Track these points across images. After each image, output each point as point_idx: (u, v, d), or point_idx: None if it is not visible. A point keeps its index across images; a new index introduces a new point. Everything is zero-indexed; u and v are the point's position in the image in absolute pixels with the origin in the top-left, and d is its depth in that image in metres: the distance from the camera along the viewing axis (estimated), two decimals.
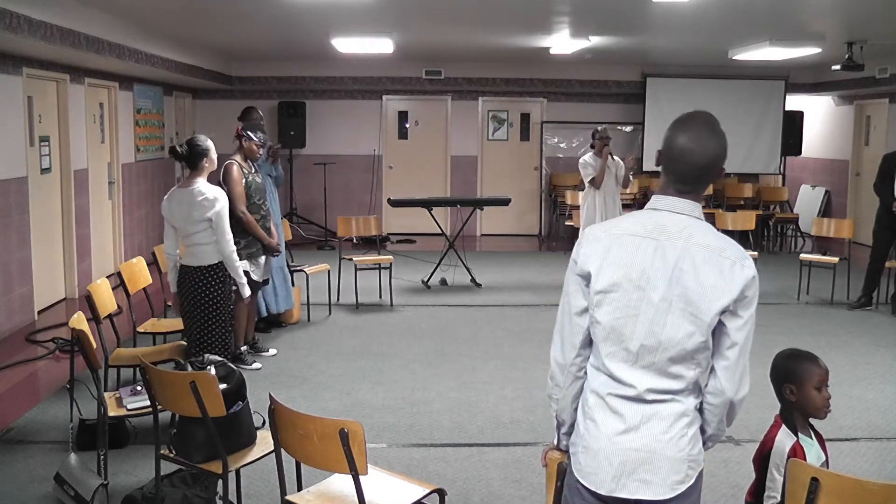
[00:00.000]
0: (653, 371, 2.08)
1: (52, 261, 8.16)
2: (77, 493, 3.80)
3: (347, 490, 2.91)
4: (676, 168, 2.14)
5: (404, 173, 13.20)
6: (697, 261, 2.06)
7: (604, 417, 2.12)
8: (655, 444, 2.07)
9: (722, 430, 2.19)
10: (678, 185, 2.15)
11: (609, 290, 2.10)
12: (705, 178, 2.15)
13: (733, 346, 2.09)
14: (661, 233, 2.10)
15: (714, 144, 2.13)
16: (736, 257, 2.09)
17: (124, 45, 7.85)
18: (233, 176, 5.85)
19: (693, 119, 2.16)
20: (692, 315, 2.05)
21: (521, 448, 4.67)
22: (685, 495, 2.08)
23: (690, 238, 2.09)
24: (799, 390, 2.73)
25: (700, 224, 2.13)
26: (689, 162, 2.12)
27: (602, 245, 2.14)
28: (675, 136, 2.15)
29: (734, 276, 2.06)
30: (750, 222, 9.46)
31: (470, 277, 9.15)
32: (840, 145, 13.11)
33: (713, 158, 2.13)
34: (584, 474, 2.14)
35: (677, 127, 2.16)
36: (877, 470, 4.43)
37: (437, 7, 7.47)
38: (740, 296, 2.06)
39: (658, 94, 12.44)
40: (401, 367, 6.20)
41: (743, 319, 2.08)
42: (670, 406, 2.08)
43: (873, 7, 7.16)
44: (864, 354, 6.59)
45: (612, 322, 2.10)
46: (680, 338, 2.05)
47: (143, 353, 4.78)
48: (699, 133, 2.13)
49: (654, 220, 2.14)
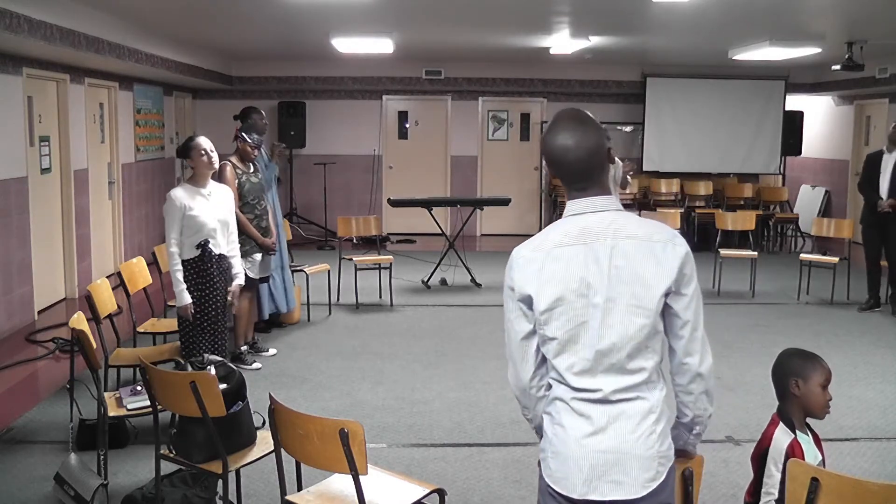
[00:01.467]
0: (614, 372, 2.08)
1: (52, 261, 8.16)
2: (77, 493, 3.80)
3: (347, 490, 2.91)
4: (563, 170, 2.15)
5: (404, 173, 13.20)
6: (630, 253, 2.07)
7: (571, 421, 2.12)
8: (624, 445, 2.07)
9: (703, 410, 2.19)
10: (577, 185, 2.16)
11: (554, 306, 2.10)
12: (594, 168, 2.14)
13: (685, 325, 2.11)
14: (587, 236, 2.10)
15: (585, 135, 2.12)
16: (665, 238, 2.10)
17: (124, 45, 7.85)
18: (226, 176, 5.90)
19: (559, 119, 2.17)
20: (638, 307, 2.06)
21: (521, 448, 4.67)
22: (657, 492, 2.08)
23: (617, 232, 2.09)
24: (805, 384, 2.75)
25: (623, 215, 2.14)
26: (571, 159, 2.12)
27: (535, 265, 2.13)
28: (549, 141, 2.15)
29: (667, 257, 2.07)
30: (750, 222, 9.46)
31: (470, 277, 9.16)
32: (840, 145, 13.11)
33: (590, 148, 2.12)
34: (555, 479, 2.14)
35: (548, 133, 2.17)
36: (877, 470, 4.42)
37: (437, 7, 7.47)
38: (679, 275, 2.08)
39: (658, 94, 12.44)
40: (401, 367, 6.20)
41: (688, 296, 2.10)
42: (636, 404, 2.09)
43: (873, 7, 7.16)
44: (864, 354, 6.59)
45: (564, 335, 2.10)
46: (632, 333, 2.07)
47: (143, 353, 4.78)
48: (568, 130, 2.13)
49: (577, 225, 2.14)
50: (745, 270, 9.17)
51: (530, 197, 13.36)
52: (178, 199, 4.91)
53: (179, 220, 4.91)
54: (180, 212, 4.90)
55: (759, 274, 9.20)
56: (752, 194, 12.63)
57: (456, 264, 9.21)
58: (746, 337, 7.03)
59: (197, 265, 4.99)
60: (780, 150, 12.60)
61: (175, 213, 4.91)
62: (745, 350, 6.57)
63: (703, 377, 2.15)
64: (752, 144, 12.50)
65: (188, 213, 4.91)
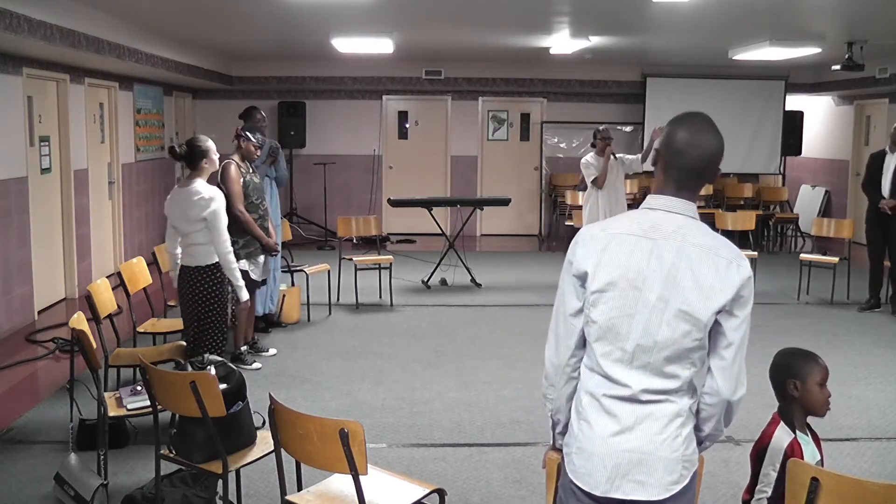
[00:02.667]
0: (648, 371, 2.08)
1: (52, 261, 8.16)
2: (77, 493, 3.80)
3: (347, 490, 2.91)
4: (678, 161, 2.14)
5: (404, 173, 13.20)
6: (693, 260, 2.06)
7: (598, 418, 2.12)
8: (649, 445, 2.07)
9: (719, 431, 2.19)
10: (678, 181, 2.15)
11: (605, 289, 2.10)
12: (704, 176, 2.16)
13: (730, 346, 2.10)
14: (656, 232, 2.10)
15: (714, 142, 2.14)
16: (732, 257, 2.09)
17: (124, 45, 7.85)
18: (230, 175, 5.86)
19: (693, 117, 2.17)
20: (688, 314, 2.05)
21: (521, 448, 4.67)
22: (679, 495, 2.08)
23: (686, 237, 2.09)
24: (803, 385, 2.75)
25: (696, 224, 2.13)
26: (692, 155, 2.12)
27: (598, 245, 2.14)
28: (675, 131, 2.15)
29: (730, 275, 2.06)
30: (750, 222, 9.45)
31: (470, 277, 9.15)
32: (840, 145, 13.11)
33: (713, 155, 2.14)
34: (579, 475, 2.14)
35: (677, 124, 2.16)
36: (877, 470, 4.42)
37: (437, 7, 7.47)
38: (736, 295, 2.06)
39: (658, 94, 12.44)
40: (401, 367, 6.20)
41: (739, 319, 2.08)
42: (664, 406, 2.08)
43: (873, 7, 7.16)
44: (864, 354, 6.59)
45: (608, 322, 2.10)
46: (676, 337, 2.05)
47: (143, 353, 4.77)
48: (700, 129, 2.14)
49: (649, 219, 2.14)
50: None
51: (530, 197, 13.36)
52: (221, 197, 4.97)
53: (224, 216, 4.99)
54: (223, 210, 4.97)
55: (759, 274, 9.18)
56: (752, 194, 12.63)
57: (456, 264, 9.21)
58: None
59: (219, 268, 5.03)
60: (780, 150, 12.60)
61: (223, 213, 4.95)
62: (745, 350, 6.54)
63: (732, 406, 2.15)
64: (752, 144, 12.50)
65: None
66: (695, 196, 2.18)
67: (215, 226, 4.90)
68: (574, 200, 11.38)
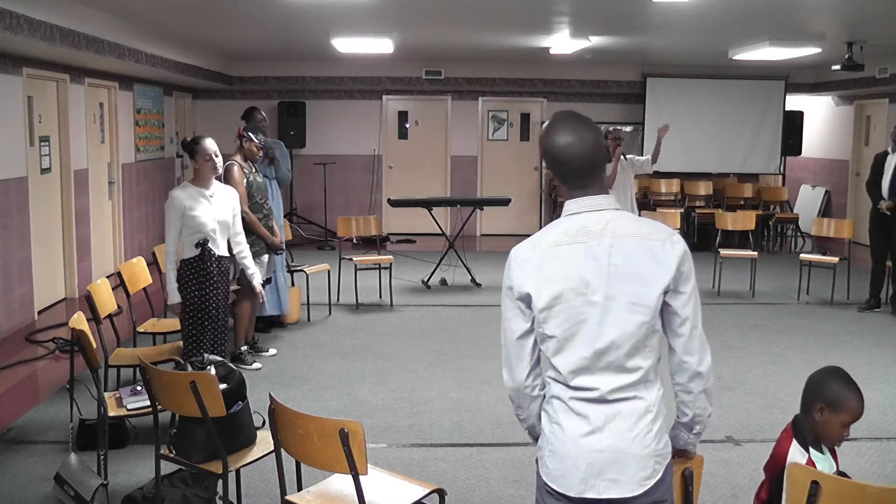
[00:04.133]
0: (612, 370, 2.10)
1: (52, 261, 8.16)
2: (77, 493, 3.80)
3: (347, 490, 2.91)
4: (567, 168, 2.16)
5: (404, 173, 13.20)
6: (628, 251, 2.09)
7: (568, 420, 2.14)
8: (621, 444, 2.09)
9: (703, 409, 2.20)
10: (577, 183, 2.17)
11: (552, 304, 2.11)
12: (596, 165, 2.17)
13: (685, 322, 2.13)
14: (586, 234, 2.12)
15: (586, 133, 2.16)
16: (664, 237, 2.12)
17: (124, 45, 7.85)
18: (234, 176, 5.86)
19: (558, 120, 2.20)
20: (637, 305, 2.08)
21: (521, 448, 4.66)
22: (653, 490, 2.11)
23: (616, 231, 2.11)
24: (830, 415, 2.61)
25: (620, 214, 2.16)
26: (575, 156, 2.14)
27: (533, 264, 2.14)
28: (550, 141, 2.17)
29: (666, 255, 2.09)
30: (750, 222, 9.46)
31: (470, 277, 9.15)
32: (840, 145, 13.11)
33: (593, 143, 2.16)
34: (553, 478, 2.16)
35: (548, 133, 2.18)
36: (877, 470, 4.42)
37: (437, 7, 7.46)
38: (677, 273, 2.10)
39: (658, 94, 12.44)
40: (401, 367, 6.20)
41: (686, 294, 2.12)
42: (633, 404, 2.11)
43: (873, 7, 7.16)
44: (864, 354, 6.59)
45: (564, 333, 2.11)
46: (631, 330, 2.08)
47: (143, 353, 4.78)
48: (569, 128, 2.16)
49: (576, 223, 2.15)
50: (745, 270, 9.18)
51: (530, 197, 13.36)
52: (178, 199, 4.92)
53: (179, 220, 4.92)
54: (180, 211, 4.91)
55: (759, 274, 9.20)
56: (752, 194, 12.63)
57: (456, 264, 9.21)
58: (746, 337, 7.03)
59: (197, 264, 4.99)
60: (780, 150, 12.59)
61: (175, 212, 4.92)
62: (745, 350, 6.56)
63: (703, 376, 2.16)
64: (752, 144, 12.50)
65: (188, 213, 4.92)
66: (603, 187, 2.19)
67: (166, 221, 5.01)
68: None
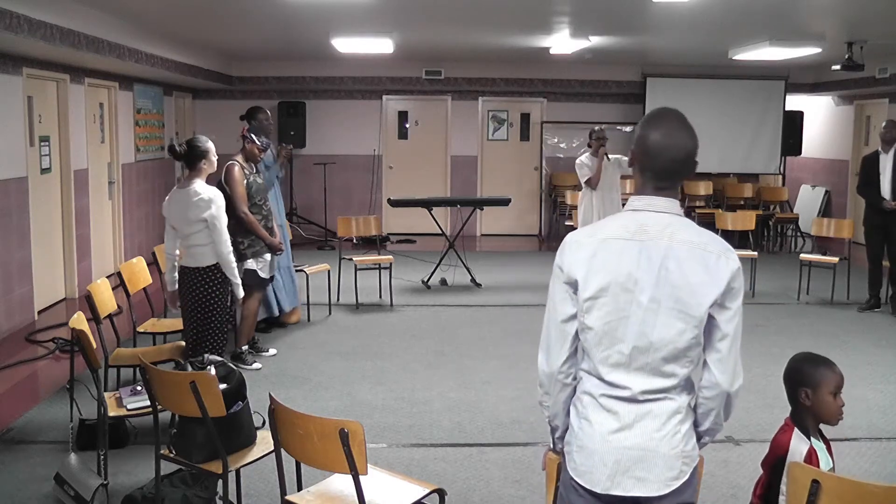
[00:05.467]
0: (646, 372, 2.10)
1: (52, 261, 8.16)
2: (77, 493, 3.80)
3: (347, 490, 2.91)
4: (653, 164, 2.15)
5: (404, 173, 13.20)
6: (682, 258, 2.08)
7: (598, 416, 2.14)
8: (649, 442, 2.09)
9: (719, 425, 2.20)
10: (656, 182, 2.16)
11: (598, 295, 2.11)
12: (681, 173, 2.18)
13: (724, 338, 2.12)
14: (643, 233, 2.12)
15: (687, 138, 2.15)
16: (720, 251, 2.11)
17: (124, 45, 7.85)
18: (234, 177, 5.86)
19: (664, 115, 2.19)
20: (682, 312, 2.07)
21: (521, 448, 4.67)
22: (680, 491, 2.10)
23: (673, 236, 2.10)
24: (814, 395, 2.68)
25: (681, 220, 2.15)
26: (666, 157, 2.14)
27: (586, 251, 2.15)
28: (648, 133, 2.16)
29: (720, 269, 2.09)
30: (750, 222, 9.45)
31: (470, 277, 9.15)
32: (840, 145, 13.11)
33: (688, 152, 2.16)
34: (580, 473, 2.16)
35: (649, 124, 2.18)
36: (877, 470, 4.42)
37: (437, 7, 7.46)
38: (727, 288, 2.09)
39: (658, 94, 12.43)
40: (401, 367, 6.20)
41: (732, 311, 2.11)
42: (663, 404, 2.10)
43: (873, 7, 7.16)
44: (864, 354, 6.59)
45: (604, 326, 2.11)
46: (672, 336, 2.07)
47: (143, 353, 4.78)
48: (672, 128, 2.15)
49: (636, 221, 2.15)
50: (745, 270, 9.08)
51: (530, 197, 13.36)
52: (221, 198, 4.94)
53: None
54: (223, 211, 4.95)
55: (759, 274, 9.20)
56: (752, 194, 12.63)
57: (456, 264, 9.20)
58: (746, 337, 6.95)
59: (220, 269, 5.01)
60: (780, 150, 12.59)
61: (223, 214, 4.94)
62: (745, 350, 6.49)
63: (731, 398, 2.16)
64: (752, 144, 12.49)
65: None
66: (675, 193, 2.19)
67: (216, 226, 4.89)
68: (574, 200, 11.35)
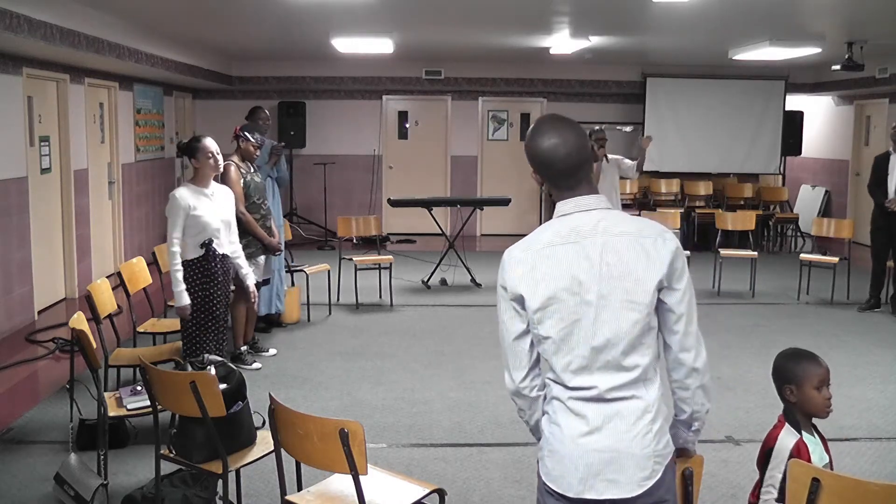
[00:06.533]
0: (610, 369, 2.10)
1: (52, 261, 8.16)
2: (77, 493, 3.80)
3: (347, 490, 2.91)
4: (553, 170, 2.16)
5: (404, 173, 13.20)
6: (620, 249, 2.09)
7: (567, 420, 2.14)
8: (619, 444, 2.09)
9: (701, 405, 2.20)
10: (565, 184, 2.17)
11: (546, 304, 2.11)
12: (582, 166, 2.17)
13: (679, 319, 2.12)
14: (577, 234, 2.12)
15: (572, 133, 2.15)
16: (655, 234, 2.12)
17: (124, 45, 7.85)
18: (230, 177, 5.86)
19: (542, 123, 2.20)
20: (631, 302, 2.08)
21: (521, 448, 4.67)
22: (652, 490, 2.10)
23: (607, 230, 2.11)
24: (799, 391, 2.73)
25: (611, 213, 2.16)
26: (560, 158, 2.14)
27: (526, 265, 2.15)
28: (534, 145, 2.17)
29: (658, 252, 2.09)
30: (750, 222, 9.46)
31: (470, 277, 9.15)
32: (840, 145, 13.11)
33: (577, 144, 2.15)
34: (552, 478, 2.16)
35: (532, 137, 2.19)
36: (877, 470, 4.42)
37: (437, 7, 7.47)
38: (670, 269, 2.09)
39: (658, 94, 12.44)
40: (401, 367, 6.20)
41: (680, 290, 2.11)
42: (632, 403, 2.10)
43: (873, 7, 7.16)
44: (864, 354, 6.59)
45: (559, 333, 2.11)
46: (626, 328, 2.08)
47: (143, 353, 4.78)
48: (552, 131, 2.16)
49: (567, 224, 2.15)
50: (745, 270, 9.17)
51: (530, 197, 13.36)
52: (182, 199, 4.90)
53: (182, 220, 4.90)
54: (184, 211, 4.90)
55: (759, 274, 9.20)
56: (752, 194, 12.63)
57: (456, 264, 9.21)
58: (746, 337, 7.03)
59: (201, 265, 4.99)
60: (780, 150, 12.59)
61: (178, 212, 4.90)
62: (745, 350, 6.56)
63: (699, 372, 2.16)
64: (752, 144, 12.49)
65: (192, 213, 4.91)
66: (592, 186, 2.20)
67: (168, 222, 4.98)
68: None
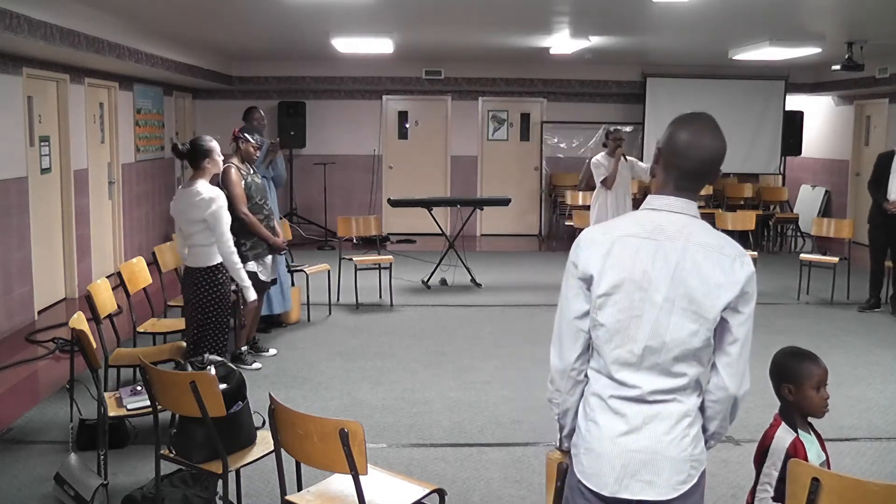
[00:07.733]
0: (656, 371, 2.09)
1: (52, 261, 8.16)
2: (77, 493, 3.80)
3: (347, 490, 2.91)
4: (679, 163, 2.14)
5: (404, 173, 13.20)
6: (698, 259, 2.07)
7: (605, 419, 2.12)
8: (657, 445, 2.08)
9: (724, 428, 2.20)
10: (679, 182, 2.15)
11: (611, 292, 2.10)
12: (706, 176, 2.16)
13: (735, 342, 2.11)
14: (660, 233, 2.11)
15: (716, 144, 2.13)
16: (735, 254, 2.11)
17: (124, 45, 7.85)
18: (231, 178, 5.85)
19: (696, 117, 2.17)
20: (695, 314, 2.06)
21: (521, 448, 4.66)
22: (688, 495, 2.09)
23: (690, 237, 2.09)
24: (797, 390, 2.73)
25: (698, 223, 2.14)
26: (693, 157, 2.12)
27: (602, 248, 2.13)
28: (678, 132, 2.15)
29: (735, 272, 2.08)
30: (750, 222, 9.45)
31: (470, 277, 9.15)
32: (840, 145, 13.11)
33: (715, 154, 2.14)
34: (587, 475, 2.14)
35: (680, 124, 2.16)
36: (877, 470, 4.43)
37: (437, 7, 7.46)
38: (742, 292, 2.08)
39: (658, 94, 12.44)
40: (401, 367, 6.20)
41: (744, 315, 2.10)
42: (672, 406, 2.09)
43: (873, 7, 7.16)
44: (864, 354, 6.59)
45: (616, 324, 2.10)
46: (684, 337, 2.06)
47: (143, 353, 4.77)
48: (702, 130, 2.14)
49: (652, 220, 2.14)
50: None
51: (530, 197, 13.36)
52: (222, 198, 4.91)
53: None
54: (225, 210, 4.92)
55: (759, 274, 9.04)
56: (752, 194, 12.63)
57: (456, 264, 9.20)
58: None
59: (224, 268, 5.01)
60: (780, 150, 12.60)
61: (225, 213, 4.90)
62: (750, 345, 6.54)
63: (737, 402, 2.16)
64: (752, 144, 12.49)
65: None
66: (695, 196, 2.18)
67: (216, 227, 4.87)
68: (574, 200, 11.38)
